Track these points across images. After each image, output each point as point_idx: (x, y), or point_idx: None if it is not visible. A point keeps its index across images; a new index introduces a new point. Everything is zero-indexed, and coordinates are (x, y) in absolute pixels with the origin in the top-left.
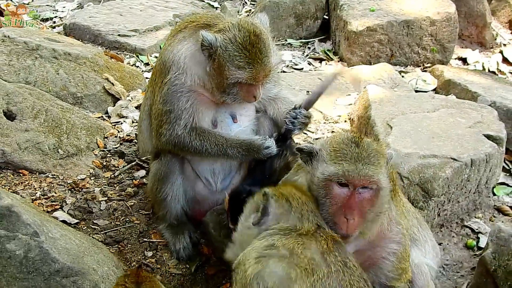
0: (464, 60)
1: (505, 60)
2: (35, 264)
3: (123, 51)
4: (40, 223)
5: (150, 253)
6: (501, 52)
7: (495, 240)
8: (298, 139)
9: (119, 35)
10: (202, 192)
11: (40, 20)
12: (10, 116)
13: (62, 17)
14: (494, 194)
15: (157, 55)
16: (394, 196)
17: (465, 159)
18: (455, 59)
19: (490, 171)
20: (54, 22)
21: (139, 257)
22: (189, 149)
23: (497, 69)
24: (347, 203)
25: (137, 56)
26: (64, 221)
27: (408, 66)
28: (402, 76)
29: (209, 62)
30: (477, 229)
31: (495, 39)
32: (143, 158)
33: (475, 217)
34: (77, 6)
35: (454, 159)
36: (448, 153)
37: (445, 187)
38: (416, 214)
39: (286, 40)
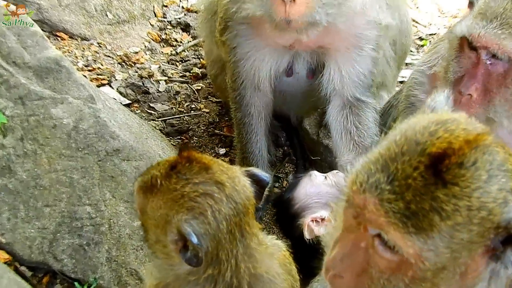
0: None
1: None
2: (87, 139)
3: None
4: (95, 88)
5: (222, 150)
6: None
7: None
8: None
9: None
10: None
11: None
12: None
13: None
14: None
15: None
16: None
17: None
18: None
19: None
20: None
21: (208, 153)
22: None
23: None
24: (470, 72)
25: None
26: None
27: None
28: None
29: None
30: None
31: None
32: None
33: None
34: None
35: None
36: None
37: None
38: None
39: None
